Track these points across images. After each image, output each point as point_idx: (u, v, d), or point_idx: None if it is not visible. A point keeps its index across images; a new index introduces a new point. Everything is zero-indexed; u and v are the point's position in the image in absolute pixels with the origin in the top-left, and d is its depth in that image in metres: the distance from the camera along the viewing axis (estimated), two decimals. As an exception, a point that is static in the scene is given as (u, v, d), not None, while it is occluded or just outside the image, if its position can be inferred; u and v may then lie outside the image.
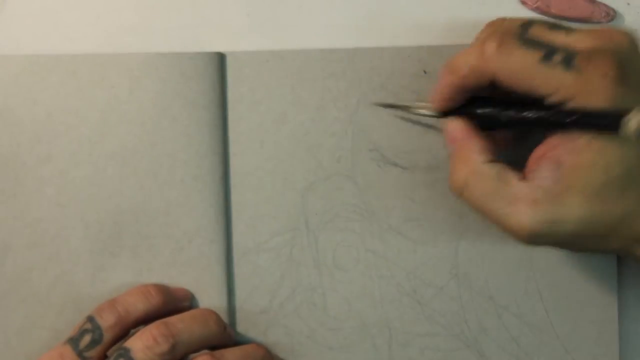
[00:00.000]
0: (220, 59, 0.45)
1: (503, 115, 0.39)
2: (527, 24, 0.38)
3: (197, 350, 0.41)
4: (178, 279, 0.44)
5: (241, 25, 0.46)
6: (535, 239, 0.37)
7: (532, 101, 0.37)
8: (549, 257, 0.45)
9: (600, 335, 0.44)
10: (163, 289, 0.43)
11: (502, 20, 0.39)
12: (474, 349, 0.44)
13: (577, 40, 0.37)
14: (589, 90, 0.35)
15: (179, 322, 0.41)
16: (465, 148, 0.39)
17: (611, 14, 0.44)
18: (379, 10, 0.45)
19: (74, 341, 0.40)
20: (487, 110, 0.39)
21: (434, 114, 0.41)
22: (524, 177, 0.37)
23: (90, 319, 0.41)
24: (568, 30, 0.38)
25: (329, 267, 0.45)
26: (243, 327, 0.45)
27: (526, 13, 0.45)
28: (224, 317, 0.44)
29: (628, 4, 0.45)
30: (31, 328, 0.44)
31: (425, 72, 0.45)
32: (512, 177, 0.37)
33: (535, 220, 0.36)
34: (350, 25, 0.45)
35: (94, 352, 0.40)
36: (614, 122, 0.35)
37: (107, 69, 0.44)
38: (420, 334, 0.45)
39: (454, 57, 0.39)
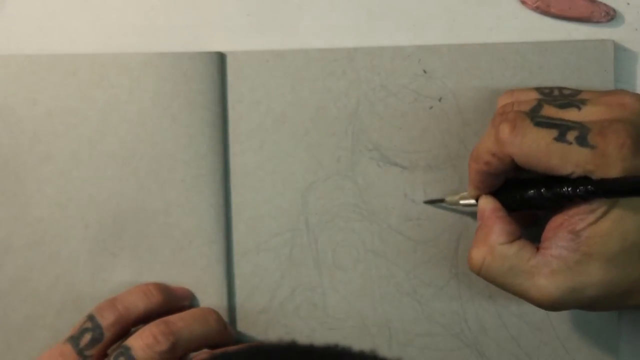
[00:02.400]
0: (220, 59, 0.45)
1: (524, 196, 0.39)
2: (537, 106, 0.39)
3: (197, 348, 0.41)
4: (178, 279, 0.44)
5: (241, 25, 0.46)
6: (558, 306, 0.38)
7: (556, 179, 0.37)
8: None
9: (600, 335, 0.44)
10: (163, 288, 0.43)
11: (512, 104, 0.40)
12: (473, 349, 0.44)
13: (590, 113, 0.38)
14: (607, 163, 0.36)
15: (179, 321, 0.41)
16: (487, 228, 0.39)
17: (611, 14, 0.44)
18: (379, 10, 0.45)
19: (74, 340, 0.40)
20: (506, 193, 0.40)
21: (472, 203, 0.42)
22: (540, 248, 0.38)
23: (91, 317, 0.41)
24: (579, 103, 0.38)
25: (328, 267, 0.45)
26: (243, 326, 0.45)
27: (526, 13, 0.45)
28: (224, 316, 0.44)
29: (628, 3, 0.45)
30: (31, 328, 0.44)
31: (425, 71, 0.45)
32: (529, 251, 0.38)
33: (555, 289, 0.37)
34: (350, 25, 0.45)
35: (94, 351, 0.40)
36: (633, 188, 0.35)
37: (107, 69, 0.44)
38: (420, 333, 0.45)
39: (475, 147, 0.40)
